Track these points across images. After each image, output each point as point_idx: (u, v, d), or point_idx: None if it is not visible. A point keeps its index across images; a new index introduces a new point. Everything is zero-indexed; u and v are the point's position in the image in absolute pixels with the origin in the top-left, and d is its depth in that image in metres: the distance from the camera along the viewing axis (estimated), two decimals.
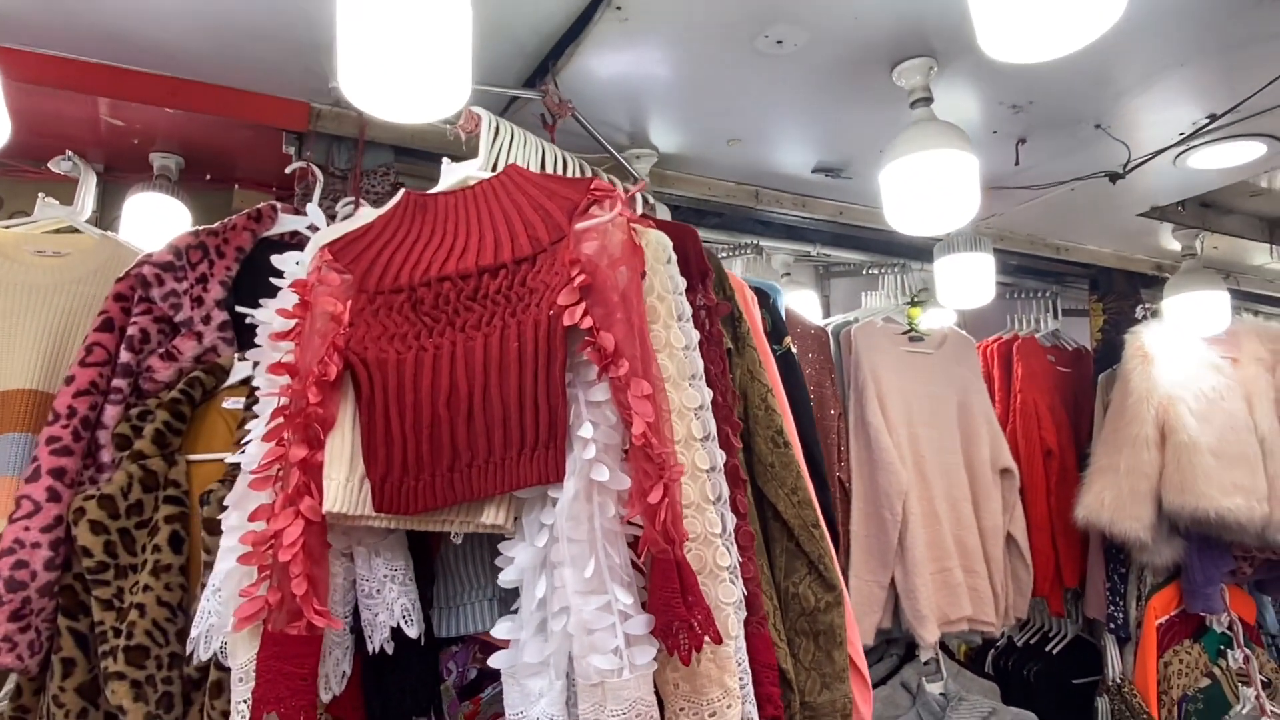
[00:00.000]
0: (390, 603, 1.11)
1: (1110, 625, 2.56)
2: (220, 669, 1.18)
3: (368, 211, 1.27)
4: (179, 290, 1.43)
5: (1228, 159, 2.09)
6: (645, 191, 1.69)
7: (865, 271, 2.67)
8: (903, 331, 2.41)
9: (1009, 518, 2.43)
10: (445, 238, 1.18)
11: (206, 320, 1.44)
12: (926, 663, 2.31)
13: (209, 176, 2.17)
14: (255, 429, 1.14)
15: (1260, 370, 2.54)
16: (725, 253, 2.36)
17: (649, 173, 1.97)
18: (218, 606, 1.11)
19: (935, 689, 2.30)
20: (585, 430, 1.01)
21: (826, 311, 2.86)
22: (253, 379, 1.32)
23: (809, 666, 1.21)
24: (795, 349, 1.67)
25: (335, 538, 1.09)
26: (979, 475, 2.38)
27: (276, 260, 1.24)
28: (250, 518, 1.08)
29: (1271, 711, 2.46)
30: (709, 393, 1.13)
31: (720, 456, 1.11)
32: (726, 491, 1.10)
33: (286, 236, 1.57)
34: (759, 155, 2.05)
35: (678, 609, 0.94)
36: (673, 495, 0.97)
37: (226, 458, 1.33)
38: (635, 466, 0.98)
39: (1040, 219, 2.50)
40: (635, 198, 1.43)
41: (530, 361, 1.03)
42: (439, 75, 1.18)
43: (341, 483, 1.06)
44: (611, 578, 0.97)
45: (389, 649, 1.10)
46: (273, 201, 1.58)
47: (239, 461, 1.17)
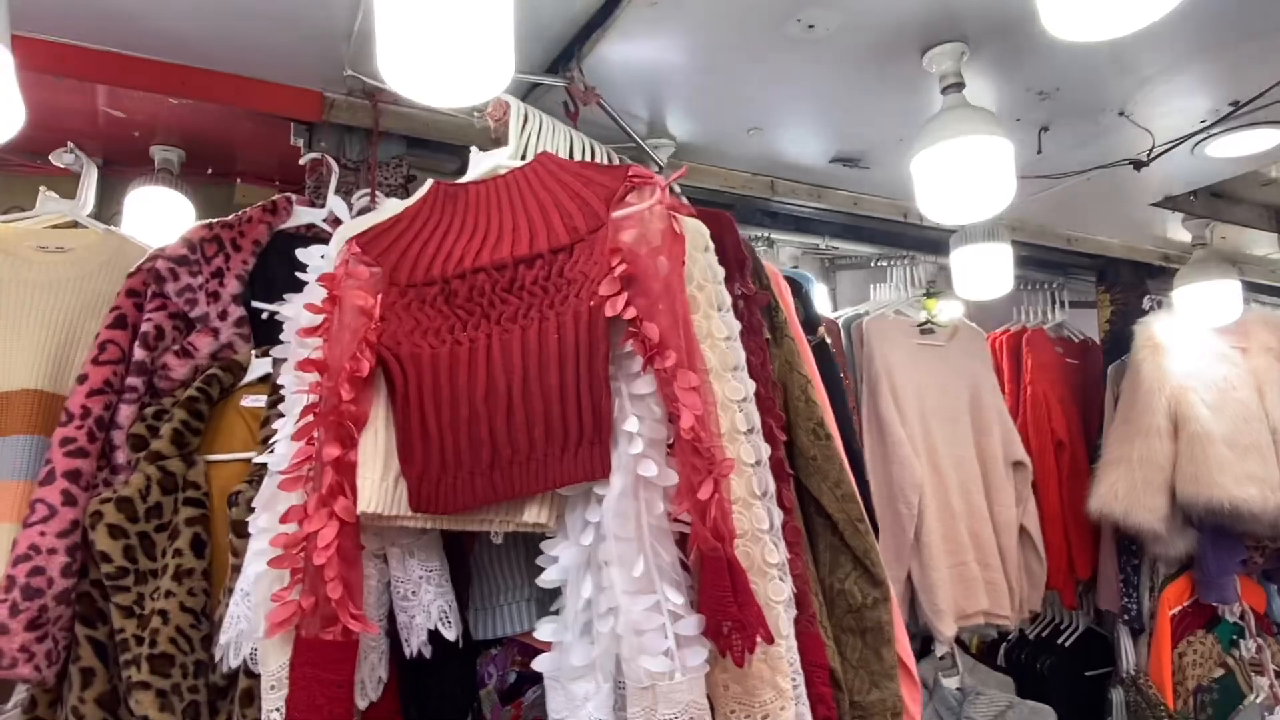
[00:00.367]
0: (427, 605, 1.07)
1: (1124, 617, 2.55)
2: (250, 676, 1.13)
3: (393, 203, 1.23)
4: (194, 285, 1.38)
5: (1245, 147, 2.08)
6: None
7: (873, 264, 2.65)
8: (915, 324, 2.39)
9: (1022, 510, 2.42)
10: (478, 228, 1.14)
11: (223, 316, 1.39)
12: (942, 657, 2.30)
13: (210, 171, 2.12)
14: (283, 428, 1.10)
15: (1270, 360, 2.54)
16: None
17: (666, 162, 1.94)
18: (247, 612, 1.07)
19: (952, 683, 2.29)
20: (630, 424, 0.97)
21: (834, 305, 2.84)
22: (273, 376, 1.28)
23: (856, 665, 1.18)
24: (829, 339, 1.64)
25: (368, 539, 1.05)
26: (992, 468, 2.37)
27: (301, 254, 1.19)
28: (281, 519, 1.03)
29: None
30: (752, 385, 1.10)
31: (765, 450, 1.08)
32: (773, 486, 1.07)
33: (303, 229, 1.52)
34: (777, 144, 2.03)
35: (729, 609, 0.90)
36: (722, 491, 0.93)
37: (248, 457, 1.28)
38: (683, 461, 0.94)
39: (1053, 209, 2.49)
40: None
41: (571, 354, 0.99)
42: (483, 56, 1.13)
43: (376, 482, 1.02)
44: (661, 577, 0.94)
45: (427, 652, 1.07)
46: (287, 194, 1.54)
47: (265, 461, 1.13)
